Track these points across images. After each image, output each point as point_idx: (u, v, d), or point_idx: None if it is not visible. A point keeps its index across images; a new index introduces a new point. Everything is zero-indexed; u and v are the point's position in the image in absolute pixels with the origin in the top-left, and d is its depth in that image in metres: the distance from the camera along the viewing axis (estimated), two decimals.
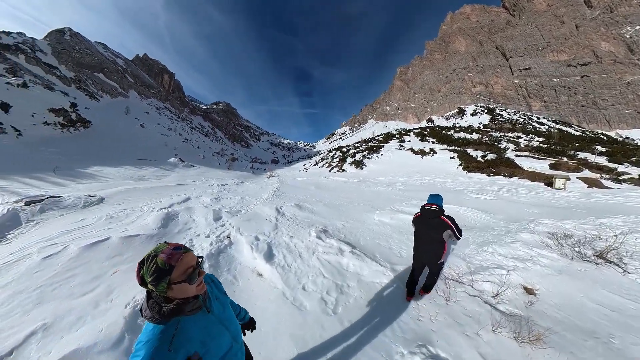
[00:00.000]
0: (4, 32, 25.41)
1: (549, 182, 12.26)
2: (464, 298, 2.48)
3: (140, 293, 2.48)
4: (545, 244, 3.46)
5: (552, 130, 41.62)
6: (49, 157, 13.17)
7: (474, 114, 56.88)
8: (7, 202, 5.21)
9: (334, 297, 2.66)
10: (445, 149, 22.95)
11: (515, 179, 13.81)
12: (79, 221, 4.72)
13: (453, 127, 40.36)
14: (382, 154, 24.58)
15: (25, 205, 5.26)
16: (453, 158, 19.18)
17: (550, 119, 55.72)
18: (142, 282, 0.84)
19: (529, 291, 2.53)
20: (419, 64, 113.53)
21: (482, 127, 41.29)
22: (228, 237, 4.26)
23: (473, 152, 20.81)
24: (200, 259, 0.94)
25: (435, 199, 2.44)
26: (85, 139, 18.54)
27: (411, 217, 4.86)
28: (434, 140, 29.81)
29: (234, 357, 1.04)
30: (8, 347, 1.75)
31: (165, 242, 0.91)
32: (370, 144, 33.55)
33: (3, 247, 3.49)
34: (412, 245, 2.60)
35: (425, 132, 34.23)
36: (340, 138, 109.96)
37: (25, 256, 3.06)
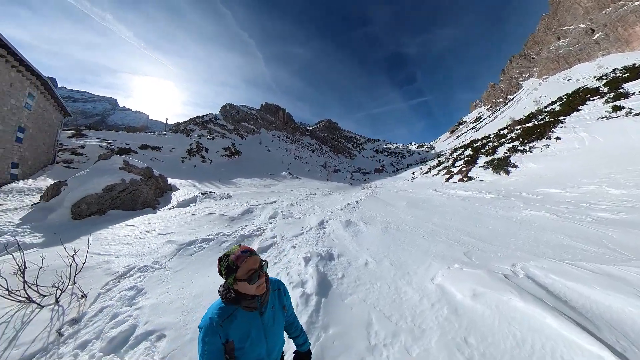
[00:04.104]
0: (205, 115, 51.31)
1: None
2: None
3: (202, 234, 5.45)
4: None
5: None
6: (220, 173, 22.54)
7: None
8: (196, 193, 10.95)
9: None
10: None
11: None
12: (213, 205, 9.16)
13: None
14: (557, 139, 13.64)
15: (201, 194, 10.73)
16: None
17: None
18: (220, 272, 1.02)
19: None
20: None
21: None
22: (263, 230, 5.43)
23: None
24: (263, 263, 1.06)
25: None
26: (237, 162, 29.50)
27: (565, 323, 1.78)
28: None
29: None
30: (164, 232, 5.21)
31: (239, 244, 1.13)
32: (528, 124, 19.97)
33: (186, 209, 8.09)
34: None
35: None
36: (473, 127, 72.60)
37: (187, 212, 7.24)
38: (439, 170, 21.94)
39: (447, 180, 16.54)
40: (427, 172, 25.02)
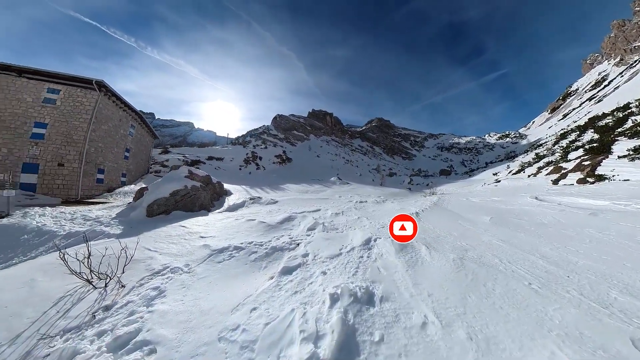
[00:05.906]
0: (259, 127, 60.11)
1: None
2: None
3: (236, 241, 5.82)
4: None
5: None
6: (272, 179, 24.22)
7: None
8: (245, 198, 11.87)
9: None
10: None
11: None
12: (258, 210, 9.62)
13: None
14: None
15: (250, 199, 11.57)
16: None
17: None
18: None
19: None
20: None
21: None
22: (297, 244, 4.95)
23: None
24: None
25: None
26: (288, 169, 31.27)
27: None
28: None
29: None
30: (205, 235, 5.63)
31: None
32: None
33: (233, 213, 8.75)
34: None
35: None
36: (591, 97, 48.49)
37: (231, 217, 7.77)
38: (539, 168, 16.35)
39: (555, 182, 11.73)
40: (518, 172, 19.18)
